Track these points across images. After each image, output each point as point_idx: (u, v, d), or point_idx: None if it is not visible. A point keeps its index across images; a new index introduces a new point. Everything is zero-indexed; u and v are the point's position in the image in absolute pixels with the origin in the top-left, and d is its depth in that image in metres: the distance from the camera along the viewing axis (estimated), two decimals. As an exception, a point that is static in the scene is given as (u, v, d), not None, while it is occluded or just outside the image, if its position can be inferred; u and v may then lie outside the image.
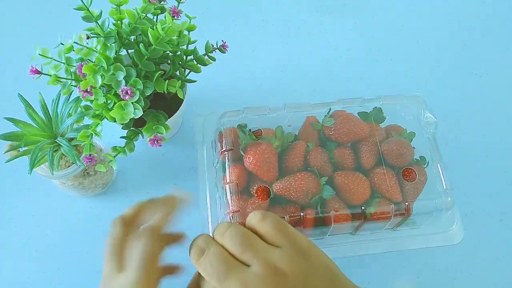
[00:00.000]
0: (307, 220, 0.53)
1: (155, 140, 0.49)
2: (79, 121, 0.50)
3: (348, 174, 0.54)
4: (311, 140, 0.57)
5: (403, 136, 0.58)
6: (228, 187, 0.53)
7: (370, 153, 0.56)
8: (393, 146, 0.56)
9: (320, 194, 0.53)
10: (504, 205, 0.65)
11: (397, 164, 0.56)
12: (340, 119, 0.57)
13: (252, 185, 0.55)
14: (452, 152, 0.67)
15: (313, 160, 0.54)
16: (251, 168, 0.53)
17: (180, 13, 0.51)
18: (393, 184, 0.54)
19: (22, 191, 0.62)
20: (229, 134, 0.56)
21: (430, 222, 0.56)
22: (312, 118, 0.59)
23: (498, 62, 0.75)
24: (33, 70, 0.48)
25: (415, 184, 0.55)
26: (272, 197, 0.53)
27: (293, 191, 0.52)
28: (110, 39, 0.49)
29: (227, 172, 0.54)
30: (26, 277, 0.58)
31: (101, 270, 0.58)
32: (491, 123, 0.70)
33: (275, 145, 0.55)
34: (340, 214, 0.53)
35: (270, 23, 0.76)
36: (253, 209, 0.52)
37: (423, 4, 0.79)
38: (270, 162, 0.53)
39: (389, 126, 0.59)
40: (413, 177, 0.55)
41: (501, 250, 0.63)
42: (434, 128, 0.58)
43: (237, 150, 0.55)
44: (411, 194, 0.55)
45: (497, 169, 0.67)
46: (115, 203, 0.62)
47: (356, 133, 0.56)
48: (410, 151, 0.56)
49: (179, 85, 0.50)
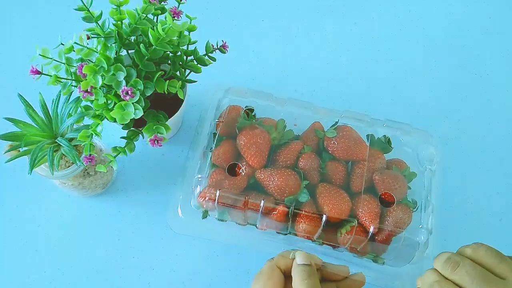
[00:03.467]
0: (277, 215, 0.52)
1: (155, 140, 0.49)
2: (79, 121, 0.50)
3: (332, 188, 0.53)
4: (309, 144, 0.56)
5: (404, 173, 0.56)
6: (214, 154, 0.54)
7: (362, 177, 0.54)
8: (386, 177, 0.54)
9: (296, 195, 0.52)
10: (504, 205, 0.65)
11: (386, 198, 0.54)
12: (342, 134, 0.55)
13: (238, 166, 0.55)
14: (452, 152, 0.67)
15: (303, 163, 0.54)
16: (240, 147, 0.54)
17: (181, 13, 0.51)
18: (373, 214, 0.52)
19: (22, 191, 0.62)
20: (232, 111, 0.57)
21: (395, 262, 0.53)
22: (318, 124, 0.58)
23: (498, 62, 0.75)
24: (33, 71, 0.48)
25: (396, 223, 0.52)
26: (251, 182, 0.53)
27: (272, 184, 0.52)
28: (110, 40, 0.49)
29: (218, 144, 0.55)
30: (26, 277, 0.58)
31: (101, 269, 0.59)
32: (491, 123, 0.70)
33: (272, 136, 0.55)
34: (310, 215, 0.52)
35: (270, 23, 0.76)
36: (229, 184, 0.52)
37: (423, 4, 0.79)
38: (260, 149, 0.53)
39: (393, 160, 0.58)
40: (396, 215, 0.52)
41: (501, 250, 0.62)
42: (434, 165, 0.57)
43: (234, 128, 0.55)
44: (388, 231, 0.52)
45: (497, 169, 0.67)
46: (115, 203, 0.62)
47: (354, 153, 0.55)
48: (403, 189, 0.54)
49: (180, 86, 0.50)
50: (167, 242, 0.60)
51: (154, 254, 0.59)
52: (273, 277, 0.47)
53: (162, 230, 0.61)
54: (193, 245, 0.60)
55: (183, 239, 0.60)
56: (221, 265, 0.60)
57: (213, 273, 0.59)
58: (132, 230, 0.61)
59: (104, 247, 0.60)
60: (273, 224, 0.54)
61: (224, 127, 0.56)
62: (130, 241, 0.60)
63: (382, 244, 0.52)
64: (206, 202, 0.53)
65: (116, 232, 0.60)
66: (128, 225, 0.61)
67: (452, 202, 0.63)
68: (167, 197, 0.62)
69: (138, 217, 0.61)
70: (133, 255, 0.59)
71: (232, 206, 0.52)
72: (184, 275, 0.59)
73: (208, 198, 0.52)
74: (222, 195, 0.52)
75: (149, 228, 0.61)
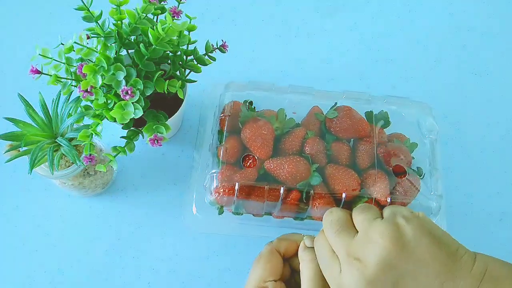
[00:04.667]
0: (291, 202, 0.53)
1: (155, 140, 0.49)
2: (79, 121, 0.50)
3: (340, 168, 0.54)
4: (312, 129, 0.57)
5: (405, 144, 0.57)
6: (222, 150, 0.54)
7: (367, 154, 0.55)
8: (390, 150, 0.55)
9: (308, 180, 0.53)
10: (504, 205, 0.65)
11: (393, 169, 0.55)
12: (343, 113, 0.57)
13: (246, 159, 0.55)
14: (452, 152, 0.67)
15: (309, 148, 0.55)
16: (246, 141, 0.54)
17: (181, 13, 0.51)
18: (384, 187, 0.53)
19: (22, 191, 0.62)
20: (232, 105, 0.57)
21: None
22: (316, 108, 0.59)
23: (498, 62, 0.75)
24: (33, 70, 0.48)
25: (406, 192, 0.54)
26: (261, 173, 0.54)
27: (283, 172, 0.53)
28: (110, 39, 0.49)
29: (223, 140, 0.55)
30: (26, 277, 0.58)
31: (101, 269, 0.58)
32: (491, 123, 0.70)
33: (274, 127, 0.56)
34: (323, 197, 0.53)
35: (270, 23, 0.76)
36: (240, 177, 0.52)
37: (423, 4, 0.79)
38: (265, 139, 0.54)
39: (393, 134, 0.59)
40: (405, 184, 0.54)
41: (501, 250, 0.62)
42: (435, 134, 0.58)
43: (237, 122, 0.55)
44: (400, 200, 0.54)
45: (497, 169, 0.67)
46: (115, 203, 0.62)
47: (356, 130, 0.56)
48: (408, 159, 0.56)
49: (179, 85, 0.50)
50: (167, 242, 0.60)
51: (154, 254, 0.59)
52: (272, 261, 0.47)
53: (162, 230, 0.61)
54: (193, 245, 0.60)
55: (183, 239, 0.60)
56: (221, 265, 0.60)
57: (213, 273, 0.59)
58: (132, 230, 0.61)
59: (104, 247, 0.60)
60: (290, 210, 0.54)
61: (229, 122, 0.56)
62: (130, 241, 0.60)
63: None
64: (221, 197, 0.53)
65: (116, 232, 0.60)
66: (128, 225, 0.61)
67: (452, 202, 0.63)
68: (167, 196, 0.62)
69: (138, 217, 0.61)
70: (133, 255, 0.59)
71: (252, 197, 0.53)
72: (184, 275, 0.59)
73: (224, 193, 0.53)
74: (242, 185, 0.52)
75: (149, 228, 0.61)
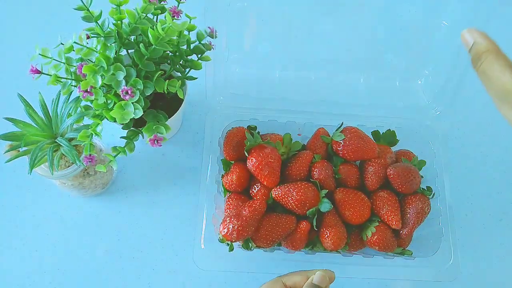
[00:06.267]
0: (301, 233, 0.52)
1: (155, 140, 0.49)
2: (79, 121, 0.50)
3: (349, 192, 0.53)
4: (318, 152, 0.56)
5: (413, 163, 0.56)
6: (225, 182, 0.53)
7: (376, 175, 0.54)
8: (400, 171, 0.54)
9: (318, 206, 0.52)
10: (504, 205, 0.65)
11: (402, 191, 0.54)
12: (350, 135, 0.55)
13: (252, 188, 0.54)
14: (452, 152, 0.67)
15: (317, 172, 0.53)
16: (252, 170, 0.53)
17: (180, 13, 0.51)
18: (395, 210, 0.52)
19: (22, 191, 0.62)
20: (236, 134, 0.56)
21: (425, 253, 0.54)
22: (322, 130, 0.58)
23: (498, 62, 0.74)
24: (33, 70, 0.48)
25: (417, 214, 0.53)
26: (269, 203, 0.53)
27: (291, 200, 0.51)
28: (110, 39, 0.49)
29: (227, 169, 0.54)
30: (26, 277, 0.58)
31: (101, 269, 0.58)
32: (491, 123, 0.70)
33: (281, 152, 0.55)
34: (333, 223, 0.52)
35: (270, 23, 0.76)
36: (249, 211, 0.50)
37: (423, 4, 0.79)
38: (273, 167, 0.52)
39: (400, 151, 0.58)
40: (416, 205, 0.53)
41: (501, 250, 0.63)
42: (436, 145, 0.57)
43: (241, 150, 0.55)
44: (411, 223, 0.53)
45: (497, 169, 0.67)
46: (115, 203, 0.62)
47: (364, 152, 0.55)
48: (417, 179, 0.55)
49: (179, 85, 0.50)
50: (167, 242, 0.60)
51: (154, 254, 0.59)
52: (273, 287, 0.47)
53: (162, 230, 0.60)
54: (193, 245, 0.60)
55: (182, 239, 0.60)
56: (221, 265, 0.60)
57: (213, 274, 0.59)
58: (132, 230, 0.61)
59: (104, 247, 0.60)
60: (299, 241, 0.53)
61: (231, 152, 0.55)
62: (130, 241, 0.60)
63: (407, 237, 0.53)
64: (231, 234, 0.50)
65: (116, 232, 0.60)
66: (128, 225, 0.61)
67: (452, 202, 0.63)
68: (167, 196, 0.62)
69: (138, 217, 0.61)
70: (133, 255, 0.59)
71: (261, 231, 0.51)
72: (184, 276, 0.59)
73: (229, 232, 0.50)
74: (251, 220, 0.50)
75: (149, 228, 0.61)
